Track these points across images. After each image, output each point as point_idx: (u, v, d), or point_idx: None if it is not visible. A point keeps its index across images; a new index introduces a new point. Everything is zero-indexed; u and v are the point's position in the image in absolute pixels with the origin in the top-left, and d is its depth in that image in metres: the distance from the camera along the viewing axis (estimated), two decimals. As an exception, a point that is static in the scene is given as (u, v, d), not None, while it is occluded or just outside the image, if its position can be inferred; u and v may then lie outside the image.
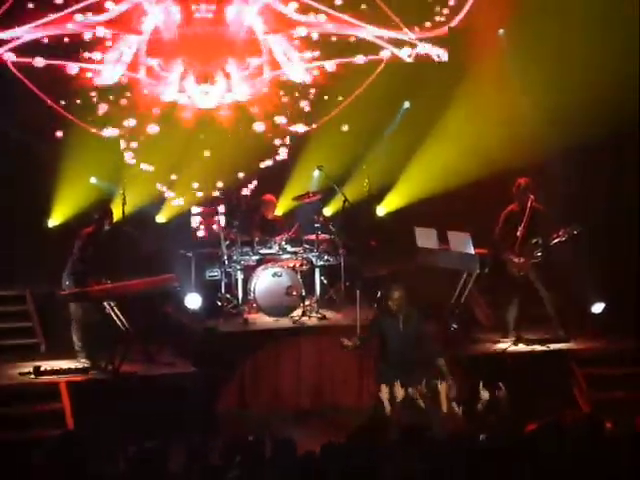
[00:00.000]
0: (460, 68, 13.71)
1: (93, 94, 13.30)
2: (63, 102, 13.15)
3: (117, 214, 11.73)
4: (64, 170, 12.92)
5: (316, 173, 13.23)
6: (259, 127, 13.81)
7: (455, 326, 11.73)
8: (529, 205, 11.46)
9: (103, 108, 13.34)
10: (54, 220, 13.08)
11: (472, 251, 11.50)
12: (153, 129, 13.52)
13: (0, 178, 12.65)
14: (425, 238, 11.98)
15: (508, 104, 13.29)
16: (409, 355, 9.87)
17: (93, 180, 13.19)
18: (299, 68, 13.77)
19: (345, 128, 13.91)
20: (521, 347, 11.54)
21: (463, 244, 11.56)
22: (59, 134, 13.16)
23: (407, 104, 13.93)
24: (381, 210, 13.99)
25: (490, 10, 13.52)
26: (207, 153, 13.63)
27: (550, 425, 7.08)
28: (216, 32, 13.57)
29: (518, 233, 11.45)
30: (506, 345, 11.54)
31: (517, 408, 9.42)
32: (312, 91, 13.87)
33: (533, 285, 11.59)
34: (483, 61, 13.52)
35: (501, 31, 13.87)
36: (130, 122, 13.46)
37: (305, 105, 13.89)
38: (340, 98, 13.87)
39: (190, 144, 13.56)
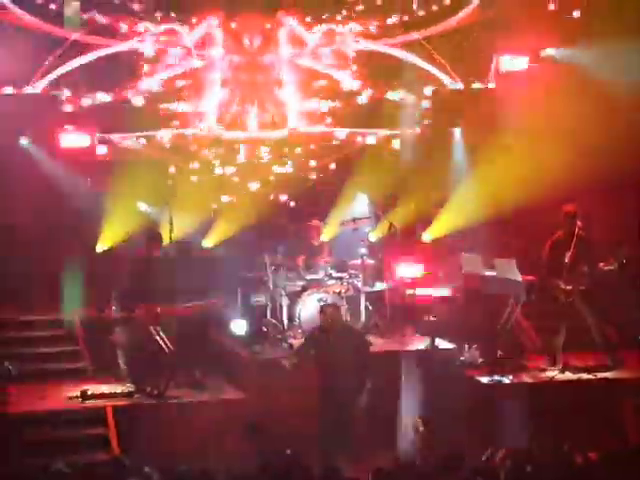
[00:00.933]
0: (507, 94, 13.66)
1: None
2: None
3: (165, 239, 11.86)
4: (113, 195, 13.05)
5: (362, 199, 13.24)
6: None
7: (501, 353, 11.63)
8: (576, 232, 11.38)
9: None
10: (102, 245, 13.21)
11: (518, 277, 11.43)
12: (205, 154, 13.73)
13: (49, 204, 12.82)
14: (472, 264, 11.95)
15: (561, 130, 13.25)
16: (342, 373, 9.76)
17: (141, 205, 13.30)
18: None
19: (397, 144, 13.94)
20: (568, 375, 11.41)
21: (509, 270, 11.49)
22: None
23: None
24: (426, 236, 13.95)
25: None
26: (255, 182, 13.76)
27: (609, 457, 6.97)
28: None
29: (565, 260, 11.36)
30: (553, 373, 11.43)
31: (564, 438, 9.30)
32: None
33: (580, 312, 11.48)
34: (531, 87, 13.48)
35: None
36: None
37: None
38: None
39: (238, 170, 13.70)
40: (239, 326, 12.23)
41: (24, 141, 13.12)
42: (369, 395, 10.03)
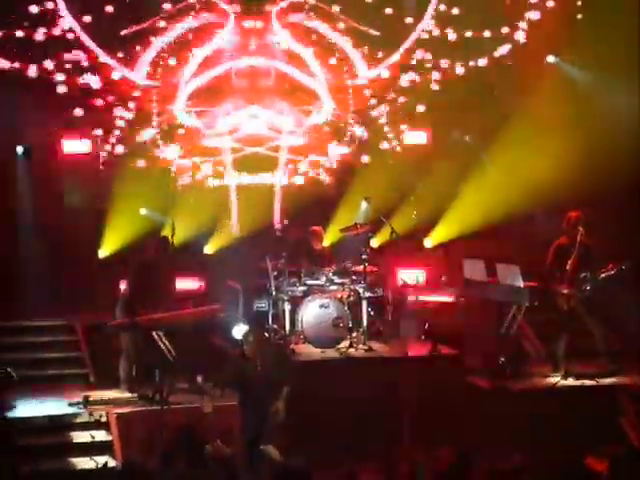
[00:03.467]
0: (510, 101, 13.69)
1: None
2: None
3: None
4: (114, 201, 13.04)
5: (364, 205, 13.23)
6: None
7: (503, 359, 11.62)
8: (579, 239, 11.39)
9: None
10: (104, 251, 13.20)
11: (521, 284, 11.41)
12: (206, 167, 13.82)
13: (51, 210, 12.82)
14: (473, 270, 11.93)
15: (560, 138, 13.27)
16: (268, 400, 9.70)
17: (143, 211, 13.30)
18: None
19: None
20: (570, 381, 11.41)
21: (512, 276, 11.48)
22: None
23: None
24: (428, 242, 13.94)
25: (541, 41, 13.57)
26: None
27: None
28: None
29: (567, 266, 11.37)
30: (556, 379, 11.42)
31: (567, 444, 9.30)
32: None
33: (582, 318, 11.48)
34: (534, 94, 13.52)
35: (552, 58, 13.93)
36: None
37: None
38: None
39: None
40: (241, 331, 12.20)
41: (20, 149, 13.17)
42: (287, 401, 9.86)
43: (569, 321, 11.49)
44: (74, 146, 13.33)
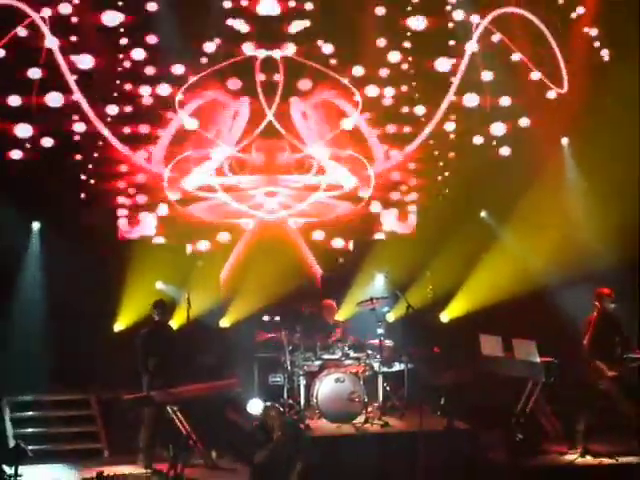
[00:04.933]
0: (523, 175, 13.80)
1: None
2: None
3: (182, 318, 11.88)
4: (130, 275, 13.11)
5: (380, 279, 13.26)
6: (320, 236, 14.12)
7: (521, 436, 11.52)
8: (612, 315, 11.39)
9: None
10: (120, 325, 13.23)
11: (537, 359, 11.37)
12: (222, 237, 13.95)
13: (67, 285, 12.90)
14: (490, 345, 11.90)
15: (569, 211, 13.37)
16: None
17: (159, 285, 13.36)
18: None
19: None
20: (588, 459, 11.27)
21: (528, 352, 11.44)
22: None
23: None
24: (445, 317, 13.93)
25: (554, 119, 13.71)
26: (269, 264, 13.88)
27: None
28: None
29: (604, 343, 11.33)
30: (573, 457, 11.30)
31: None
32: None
33: (608, 395, 11.37)
34: (545, 168, 13.62)
35: (565, 140, 14.05)
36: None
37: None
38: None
39: (256, 252, 13.82)
40: (256, 406, 12.16)
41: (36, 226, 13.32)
42: (301, 477, 9.80)
43: (596, 399, 11.37)
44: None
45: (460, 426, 11.84)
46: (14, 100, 13.11)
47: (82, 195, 13.44)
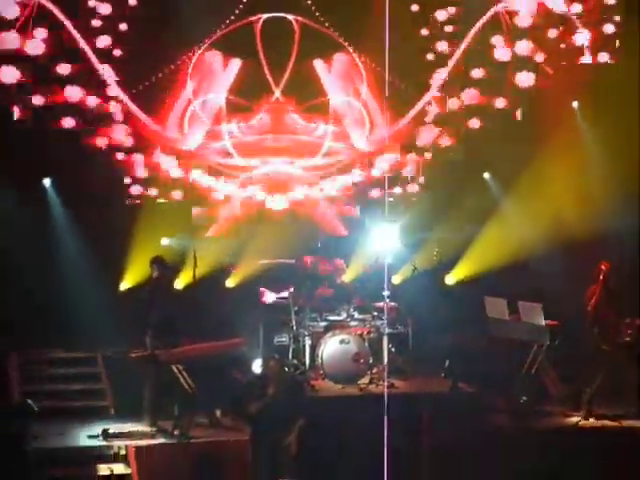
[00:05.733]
0: (534, 134, 13.71)
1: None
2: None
3: (188, 277, 11.89)
4: (137, 233, 13.11)
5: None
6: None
7: (525, 398, 11.56)
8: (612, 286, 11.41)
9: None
10: (126, 283, 13.25)
11: (543, 322, 11.39)
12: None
13: (73, 243, 12.92)
14: (495, 308, 11.92)
15: (581, 173, 13.29)
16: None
17: (165, 241, 13.32)
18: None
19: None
20: (592, 421, 11.32)
21: (534, 315, 11.46)
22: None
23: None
24: (450, 279, 13.92)
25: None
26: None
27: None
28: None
29: (613, 312, 11.35)
30: (577, 419, 11.34)
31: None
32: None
33: (616, 359, 11.40)
34: (557, 129, 13.53)
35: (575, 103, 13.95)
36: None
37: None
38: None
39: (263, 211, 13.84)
40: (260, 365, 12.22)
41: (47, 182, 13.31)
42: (301, 435, 9.85)
43: (606, 362, 11.39)
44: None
45: (464, 388, 11.89)
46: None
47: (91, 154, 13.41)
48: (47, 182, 13.38)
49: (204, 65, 13.70)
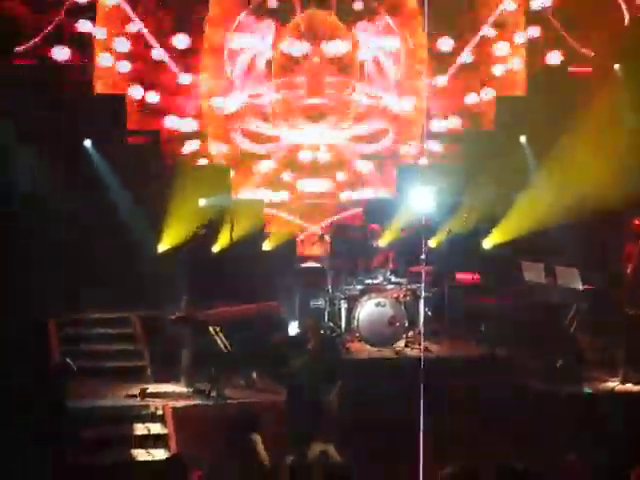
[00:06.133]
0: (574, 100, 13.57)
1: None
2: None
3: (225, 239, 11.94)
4: (175, 195, 13.15)
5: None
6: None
7: (561, 362, 11.52)
8: None
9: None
10: (164, 245, 13.31)
11: (580, 286, 11.33)
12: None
13: (110, 206, 13.00)
14: (532, 272, 11.89)
15: (622, 138, 13.14)
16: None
17: (202, 202, 13.35)
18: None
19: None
20: (629, 386, 11.26)
21: (571, 279, 11.41)
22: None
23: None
24: (487, 243, 13.85)
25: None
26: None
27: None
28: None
29: None
30: (614, 384, 11.29)
31: (622, 450, 9.19)
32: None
33: None
34: (598, 94, 13.37)
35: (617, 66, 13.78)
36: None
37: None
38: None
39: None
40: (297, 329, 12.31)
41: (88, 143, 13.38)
42: (340, 396, 9.86)
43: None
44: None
45: (500, 353, 11.87)
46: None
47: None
48: (88, 143, 13.46)
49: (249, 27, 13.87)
